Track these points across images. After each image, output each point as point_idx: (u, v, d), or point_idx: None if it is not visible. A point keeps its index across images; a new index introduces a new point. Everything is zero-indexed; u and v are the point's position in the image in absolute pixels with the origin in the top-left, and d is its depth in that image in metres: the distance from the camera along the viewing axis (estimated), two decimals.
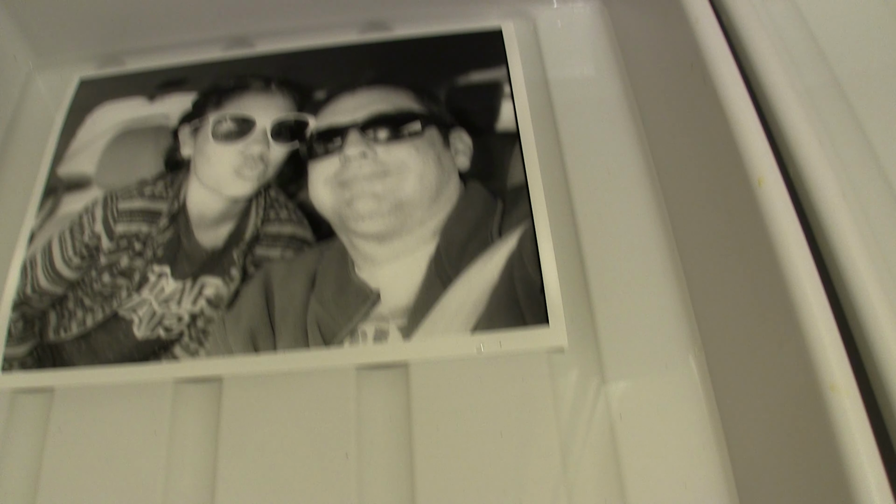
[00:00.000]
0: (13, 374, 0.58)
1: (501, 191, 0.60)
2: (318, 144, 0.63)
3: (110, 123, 0.70)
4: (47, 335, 0.59)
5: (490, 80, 0.66)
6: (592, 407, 0.53)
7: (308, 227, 0.60)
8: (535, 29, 0.72)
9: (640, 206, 0.60)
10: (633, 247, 0.59)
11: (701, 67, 0.52)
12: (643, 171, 0.62)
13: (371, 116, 0.62)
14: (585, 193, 0.61)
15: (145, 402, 0.56)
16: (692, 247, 0.56)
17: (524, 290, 0.55)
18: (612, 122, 0.65)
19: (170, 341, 0.57)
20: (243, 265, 0.59)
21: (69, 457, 0.55)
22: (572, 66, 0.69)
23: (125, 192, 0.64)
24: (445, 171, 0.60)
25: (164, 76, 0.72)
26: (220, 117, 0.66)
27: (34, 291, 0.61)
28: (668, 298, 0.56)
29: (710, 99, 0.51)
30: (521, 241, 0.57)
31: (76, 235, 0.62)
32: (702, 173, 0.54)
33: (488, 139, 0.63)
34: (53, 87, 0.75)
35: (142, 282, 0.60)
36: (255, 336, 0.56)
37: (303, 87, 0.67)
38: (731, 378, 0.51)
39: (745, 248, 0.48)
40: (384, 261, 0.58)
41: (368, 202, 0.59)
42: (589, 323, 0.56)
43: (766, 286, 0.44)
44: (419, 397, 0.54)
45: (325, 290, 0.57)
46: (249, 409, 0.55)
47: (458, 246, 0.58)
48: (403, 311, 0.56)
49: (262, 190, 0.63)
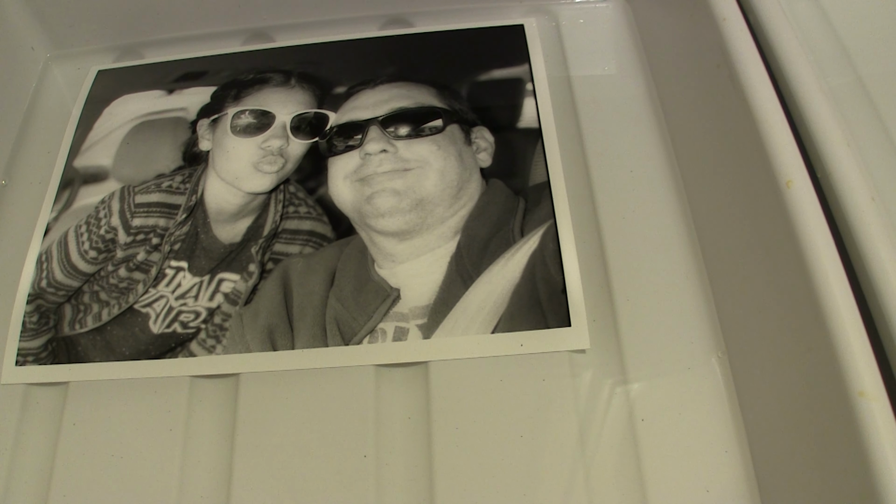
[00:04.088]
0: (28, 367, 0.58)
1: (523, 189, 0.59)
2: (337, 140, 0.62)
3: (128, 116, 0.69)
4: (62, 329, 0.59)
5: (512, 77, 0.65)
6: (614, 409, 0.52)
7: (327, 223, 0.60)
8: (558, 26, 0.71)
9: (663, 206, 0.60)
10: (656, 247, 0.58)
11: (728, 67, 0.51)
12: (666, 171, 0.61)
13: (392, 112, 0.61)
14: (608, 192, 0.61)
15: (161, 398, 0.56)
16: (716, 247, 0.55)
17: (546, 291, 0.54)
18: (636, 121, 0.64)
19: (186, 337, 0.57)
20: (262, 261, 0.59)
21: (83, 452, 0.55)
22: (595, 63, 0.69)
23: (142, 185, 0.64)
24: (467, 169, 0.60)
25: (182, 69, 0.71)
26: (239, 111, 0.65)
27: (50, 285, 0.60)
28: (691, 300, 0.55)
29: (737, 99, 0.50)
30: (543, 241, 0.56)
31: (92, 228, 0.62)
32: (727, 173, 0.53)
33: (510, 136, 0.62)
34: (71, 79, 0.75)
35: (158, 276, 0.59)
36: (272, 333, 0.56)
37: (322, 82, 0.66)
38: (754, 381, 0.50)
39: (771, 250, 0.47)
40: (404, 259, 0.57)
41: (388, 199, 0.58)
42: (611, 324, 0.55)
43: (793, 289, 0.44)
44: (439, 397, 0.53)
45: (344, 288, 0.57)
46: (266, 407, 0.54)
47: (479, 244, 0.57)
48: (423, 310, 0.55)
49: (281, 185, 0.62)
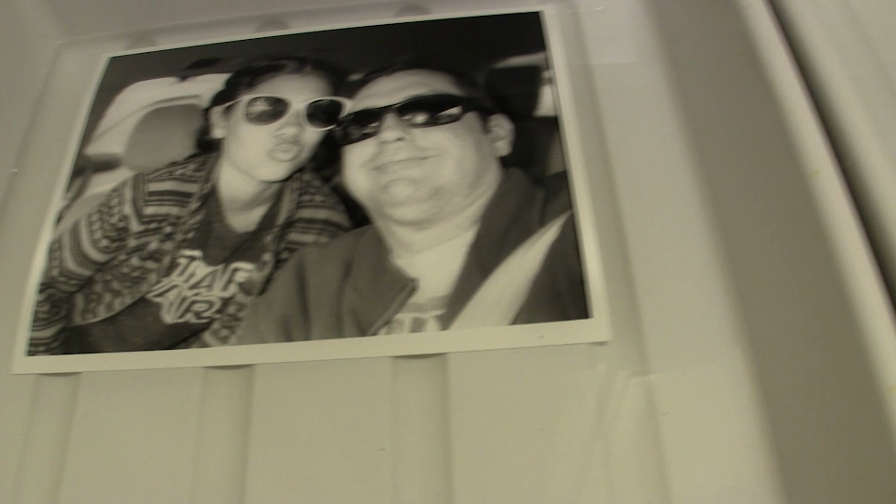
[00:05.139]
0: (39, 357, 0.57)
1: (542, 178, 0.58)
2: (353, 127, 0.61)
3: (140, 103, 0.68)
4: (74, 319, 0.58)
5: (530, 64, 0.64)
6: (635, 402, 0.51)
7: (343, 211, 0.59)
8: (576, 13, 0.70)
9: (685, 196, 0.58)
10: (677, 237, 0.57)
11: (751, 55, 0.50)
12: (688, 160, 0.60)
13: (408, 99, 0.60)
14: (629, 181, 0.59)
15: (174, 389, 0.55)
16: (739, 238, 0.54)
17: (566, 281, 0.53)
18: (656, 110, 0.63)
19: (200, 327, 0.56)
20: (276, 250, 0.58)
21: (95, 444, 0.54)
22: (614, 51, 0.67)
23: (155, 173, 0.63)
24: (485, 157, 0.59)
25: (195, 55, 0.70)
26: (253, 98, 0.64)
27: (61, 274, 0.59)
28: (713, 291, 0.54)
29: (761, 87, 0.49)
30: (563, 230, 0.55)
31: (104, 217, 0.61)
32: (750, 163, 0.52)
33: (529, 124, 0.61)
34: (82, 66, 0.74)
35: (171, 266, 0.58)
36: (288, 323, 0.55)
37: (337, 69, 0.65)
38: (779, 374, 0.49)
39: (796, 241, 0.46)
40: (422, 248, 0.56)
41: (405, 187, 0.57)
42: (632, 315, 0.54)
43: (819, 281, 0.43)
44: (457, 389, 0.52)
45: (360, 278, 0.56)
46: (282, 398, 0.53)
47: (497, 234, 0.56)
48: (441, 300, 0.54)
49: (295, 173, 0.61)
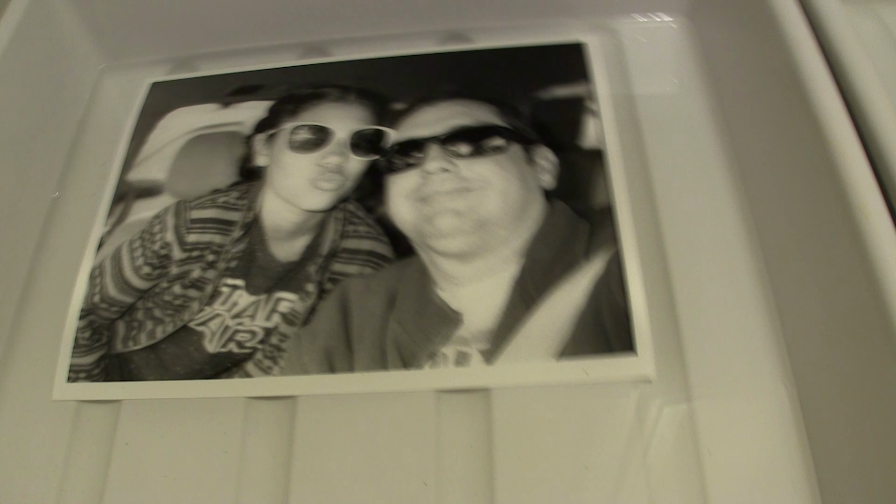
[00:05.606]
0: (79, 384, 0.57)
1: (587, 211, 0.58)
2: (397, 157, 0.61)
3: (182, 129, 0.68)
4: (115, 346, 0.57)
5: (573, 95, 0.64)
6: (679, 440, 0.51)
7: (387, 243, 0.58)
8: (619, 44, 0.69)
9: (729, 231, 0.58)
10: (722, 273, 0.56)
11: (798, 90, 0.50)
12: (733, 195, 0.60)
13: (452, 130, 0.60)
14: (673, 216, 0.59)
15: (216, 418, 0.55)
16: (784, 274, 0.54)
17: (611, 317, 0.53)
18: (700, 141, 0.63)
19: (242, 357, 0.55)
20: (320, 281, 0.57)
21: (135, 473, 0.54)
22: (658, 83, 0.67)
23: (197, 200, 0.63)
24: (529, 189, 0.58)
25: (237, 82, 0.70)
26: (296, 126, 0.64)
27: (103, 300, 0.59)
28: (758, 326, 0.54)
29: (808, 122, 0.49)
30: (608, 266, 0.55)
31: (146, 244, 0.61)
32: (796, 198, 0.52)
33: (573, 156, 0.61)
34: (124, 91, 0.74)
35: (214, 294, 0.58)
36: (331, 355, 0.54)
37: (381, 98, 0.65)
38: (824, 414, 0.48)
39: (843, 280, 0.45)
40: (466, 281, 0.56)
41: (450, 219, 0.57)
42: (676, 351, 0.53)
43: (867, 321, 0.42)
44: (501, 424, 0.52)
45: (404, 310, 0.55)
46: (324, 430, 0.53)
47: (542, 268, 0.55)
48: (486, 334, 0.53)
49: (339, 203, 0.60)
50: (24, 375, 0.59)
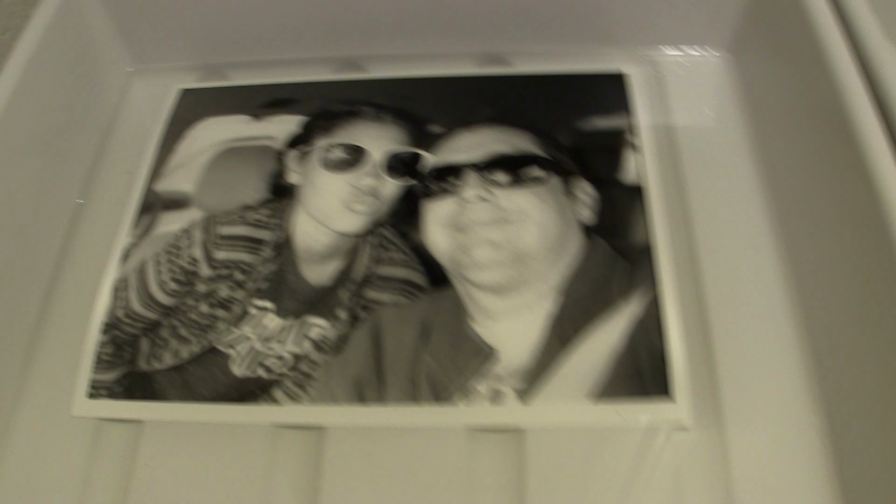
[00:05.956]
0: (100, 401, 0.55)
1: (626, 249, 0.57)
2: (433, 183, 0.59)
3: (212, 140, 0.66)
4: (138, 363, 0.56)
5: (614, 128, 0.63)
6: (713, 489, 0.50)
7: (422, 271, 0.57)
8: (660, 76, 0.68)
9: (769, 274, 0.57)
10: (760, 319, 0.56)
11: (843, 130, 0.49)
12: (772, 237, 0.59)
13: (491, 157, 0.59)
14: (712, 257, 0.58)
15: (241, 444, 0.53)
16: (825, 322, 0.53)
17: (649, 361, 0.52)
18: (740, 179, 0.62)
19: (270, 382, 0.54)
20: (352, 307, 0.56)
21: (156, 496, 0.53)
22: (698, 116, 0.66)
23: (226, 215, 0.61)
24: (568, 224, 0.57)
25: (269, 94, 0.69)
26: (330, 144, 0.62)
27: (126, 315, 0.58)
28: (796, 378, 0.53)
29: (853, 164, 0.48)
30: (646, 307, 0.54)
31: (173, 258, 0.59)
32: (838, 240, 0.51)
33: (612, 191, 0.60)
34: (152, 95, 0.72)
35: (242, 315, 0.57)
36: (361, 385, 0.53)
37: (417, 120, 0.64)
38: (862, 470, 0.47)
39: (888, 332, 0.44)
40: (502, 316, 0.55)
41: (486, 250, 0.56)
42: (713, 399, 0.53)
43: None
44: (534, 465, 0.51)
45: (438, 343, 0.54)
46: (352, 462, 0.52)
47: (580, 306, 0.54)
48: (521, 371, 0.52)
49: (373, 227, 0.59)
50: (43, 388, 0.57)
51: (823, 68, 0.53)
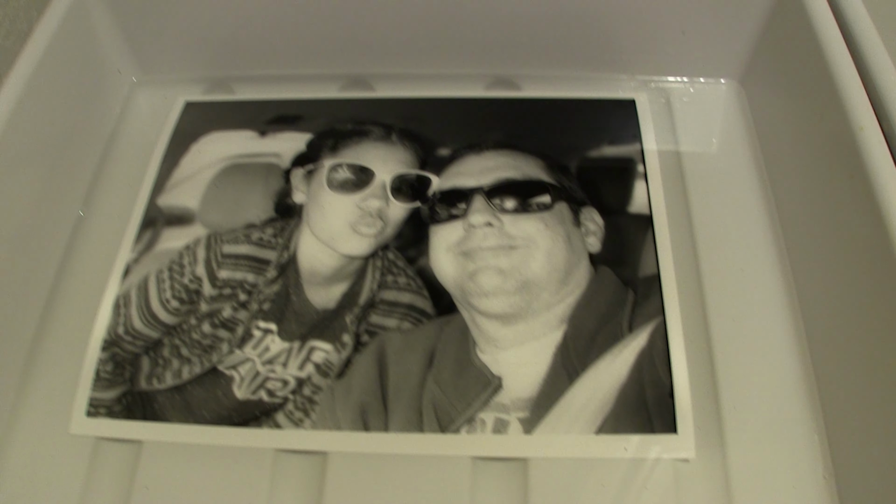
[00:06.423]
0: (99, 420, 0.55)
1: (633, 280, 0.57)
2: (440, 207, 0.59)
3: (217, 155, 0.66)
4: (139, 383, 0.56)
5: (623, 156, 0.63)
6: None
7: (428, 297, 0.57)
8: (669, 104, 0.68)
9: (774, 309, 0.58)
10: (765, 353, 0.56)
11: (856, 163, 0.49)
12: (778, 270, 0.59)
13: (498, 182, 0.58)
14: (718, 289, 0.58)
15: (242, 469, 0.53)
16: (829, 359, 0.53)
17: (653, 393, 0.52)
18: (748, 212, 0.62)
19: (272, 406, 0.54)
20: (356, 332, 0.56)
21: None
22: (706, 148, 0.66)
23: (231, 234, 0.61)
24: (575, 252, 0.57)
25: (276, 110, 0.68)
26: (336, 164, 0.62)
27: (127, 332, 0.57)
28: (799, 412, 0.53)
29: (864, 197, 0.48)
30: (651, 339, 0.54)
31: (175, 276, 0.59)
32: (846, 279, 0.51)
33: (619, 220, 0.60)
34: (156, 107, 0.71)
35: (245, 337, 0.56)
36: (365, 412, 0.53)
37: (425, 141, 0.64)
38: (865, 497, 0.47)
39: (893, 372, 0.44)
40: (508, 345, 0.54)
41: (493, 277, 0.55)
42: (717, 432, 0.53)
43: None
44: (538, 495, 0.51)
45: (443, 371, 0.54)
46: (355, 489, 0.52)
47: (586, 337, 0.54)
48: (526, 402, 0.52)
49: (379, 250, 0.59)
50: (40, 405, 0.56)
51: (835, 100, 0.53)
